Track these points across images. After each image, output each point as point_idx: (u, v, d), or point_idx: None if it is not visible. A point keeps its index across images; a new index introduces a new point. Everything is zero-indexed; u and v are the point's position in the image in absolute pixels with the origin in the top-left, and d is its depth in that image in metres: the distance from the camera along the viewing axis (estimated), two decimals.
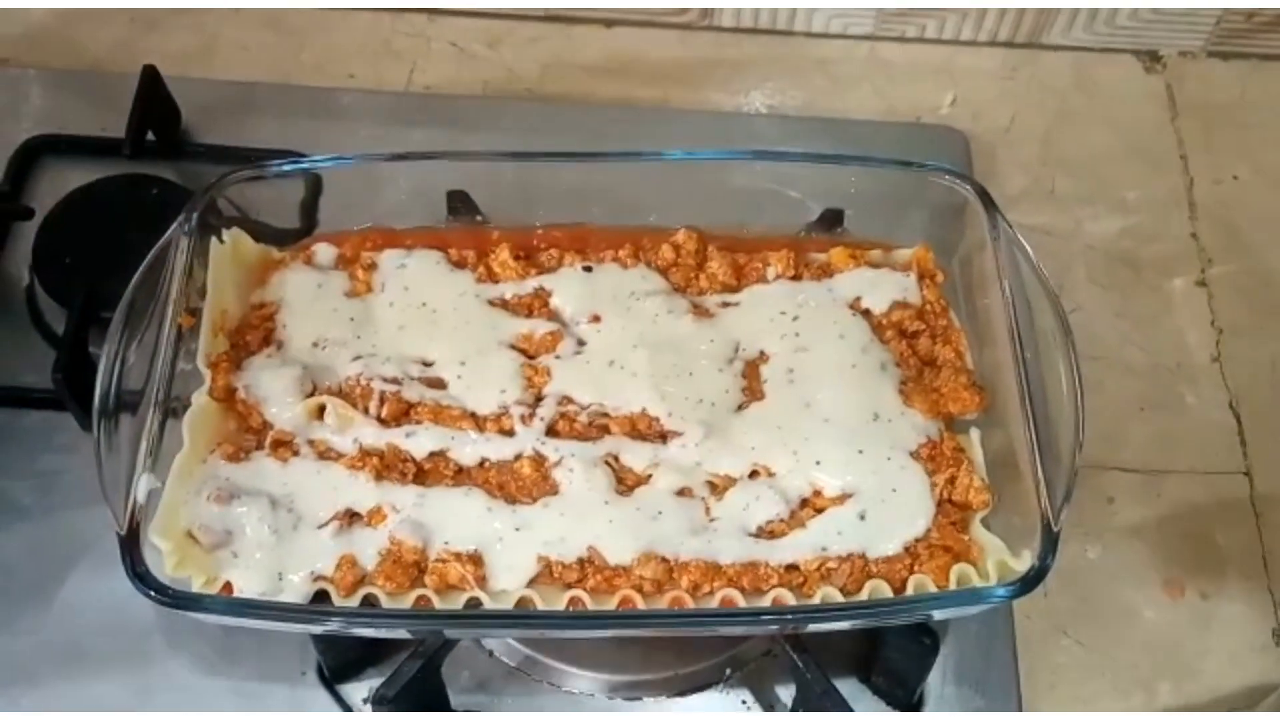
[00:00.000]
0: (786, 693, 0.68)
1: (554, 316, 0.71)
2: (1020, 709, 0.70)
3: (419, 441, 0.67)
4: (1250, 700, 0.71)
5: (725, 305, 0.72)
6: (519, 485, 0.65)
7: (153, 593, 0.59)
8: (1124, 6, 0.92)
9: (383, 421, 0.67)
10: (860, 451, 0.67)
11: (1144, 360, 0.83)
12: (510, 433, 0.67)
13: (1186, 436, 0.80)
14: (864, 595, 0.63)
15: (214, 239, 0.69)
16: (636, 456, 0.66)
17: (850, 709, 0.66)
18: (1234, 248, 0.88)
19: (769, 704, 0.69)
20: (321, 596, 0.63)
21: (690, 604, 0.62)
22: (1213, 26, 0.94)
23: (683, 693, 0.69)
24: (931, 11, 0.94)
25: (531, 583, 0.63)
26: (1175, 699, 0.71)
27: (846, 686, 0.67)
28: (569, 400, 0.68)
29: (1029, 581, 0.60)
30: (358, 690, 0.70)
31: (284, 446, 0.67)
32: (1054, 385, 0.66)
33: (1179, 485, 0.78)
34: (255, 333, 0.70)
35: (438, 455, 0.66)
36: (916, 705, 0.69)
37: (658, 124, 0.90)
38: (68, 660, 0.68)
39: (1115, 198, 0.90)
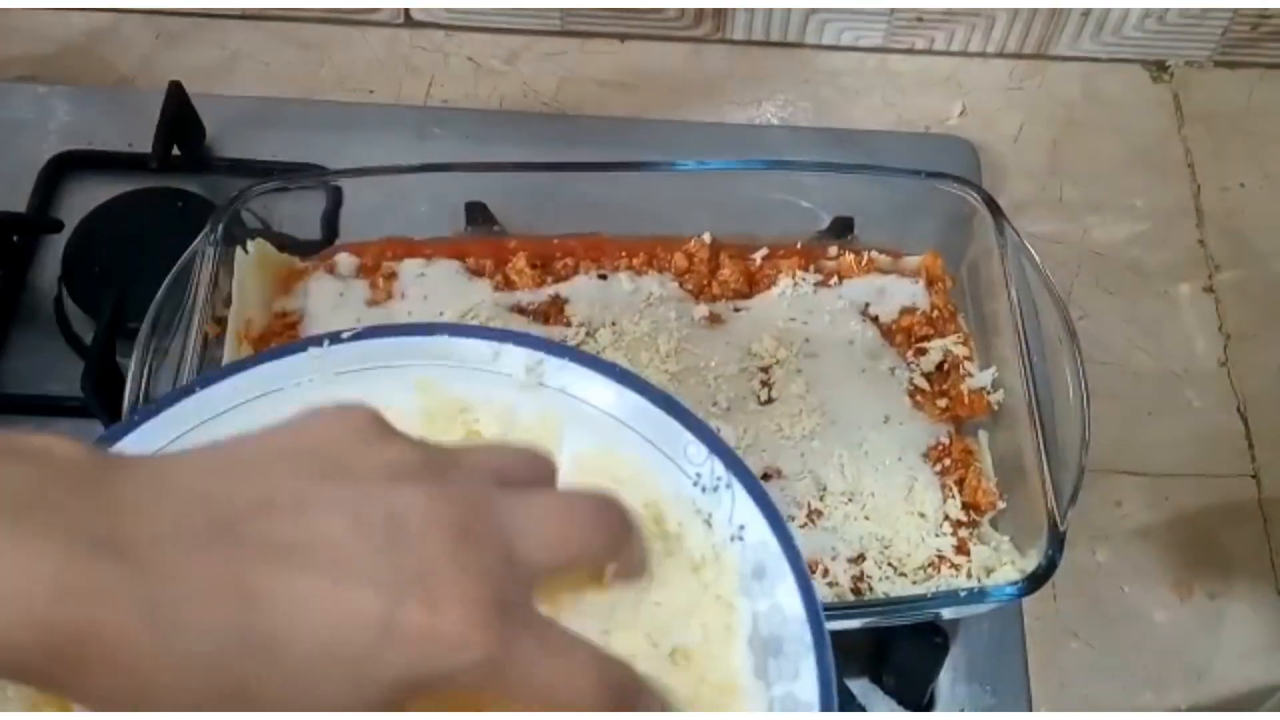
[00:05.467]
0: None
1: (570, 323, 0.73)
2: (1030, 709, 0.71)
3: None
4: (1259, 700, 0.72)
5: (737, 311, 0.74)
6: None
7: None
8: (1131, 16, 0.94)
9: None
10: (869, 454, 0.68)
11: (1151, 365, 0.83)
12: None
13: (1194, 440, 0.81)
14: (874, 594, 0.64)
15: (238, 250, 0.71)
16: None
17: (862, 708, 0.67)
18: (1241, 254, 0.89)
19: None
20: None
21: None
22: (1219, 36, 0.95)
23: None
24: (940, 24, 0.95)
25: None
26: (1184, 699, 0.72)
27: (857, 686, 0.68)
28: None
29: (1036, 579, 0.61)
30: None
31: None
32: (1061, 389, 0.67)
33: (1187, 489, 0.79)
34: (279, 340, 0.71)
35: None
36: (928, 704, 0.70)
37: (671, 135, 0.91)
38: None
39: (1123, 205, 0.91)
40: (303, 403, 0.38)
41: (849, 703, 0.66)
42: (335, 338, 0.47)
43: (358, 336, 0.47)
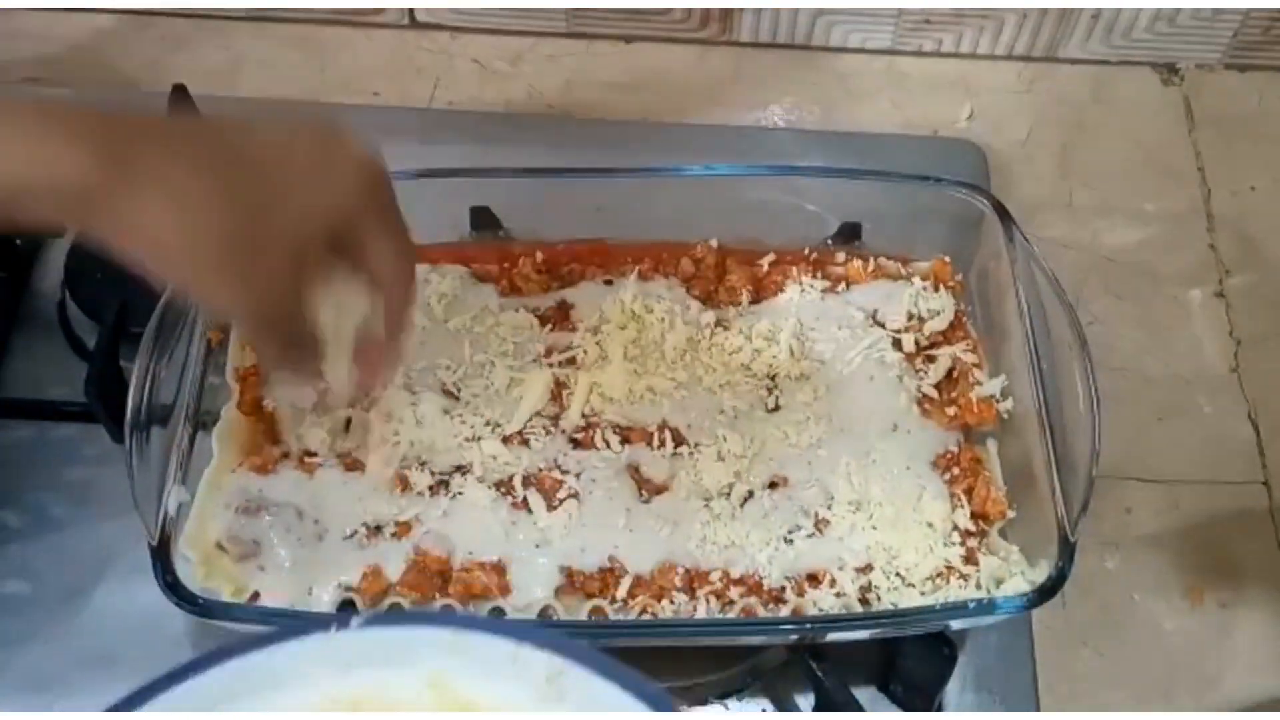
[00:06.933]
0: (806, 702, 0.69)
1: (575, 329, 0.73)
2: None
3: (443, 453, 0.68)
4: (1270, 709, 0.71)
5: (744, 317, 0.73)
6: (542, 496, 0.66)
7: (183, 602, 0.60)
8: (1141, 18, 0.93)
9: None
10: (877, 462, 0.68)
11: (1162, 371, 0.83)
12: (533, 444, 0.68)
13: (1205, 447, 0.80)
14: (882, 605, 0.64)
15: None
16: (656, 467, 0.67)
17: None
18: (1252, 258, 0.88)
19: (789, 712, 0.70)
20: (347, 606, 0.64)
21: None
22: (1229, 39, 0.95)
23: (703, 701, 0.69)
24: (949, 26, 0.94)
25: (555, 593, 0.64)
26: (1195, 709, 0.72)
27: (865, 695, 0.68)
28: (591, 411, 0.69)
29: (1046, 591, 0.61)
30: None
31: (310, 459, 0.68)
32: (1071, 396, 0.66)
33: (1197, 495, 0.78)
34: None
35: (462, 466, 0.67)
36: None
37: (677, 138, 0.90)
38: (98, 668, 0.69)
39: (1133, 209, 0.90)
40: (307, 704, 0.39)
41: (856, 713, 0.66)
42: (343, 622, 0.44)
43: (368, 623, 0.44)
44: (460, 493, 0.66)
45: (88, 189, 0.44)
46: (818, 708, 0.68)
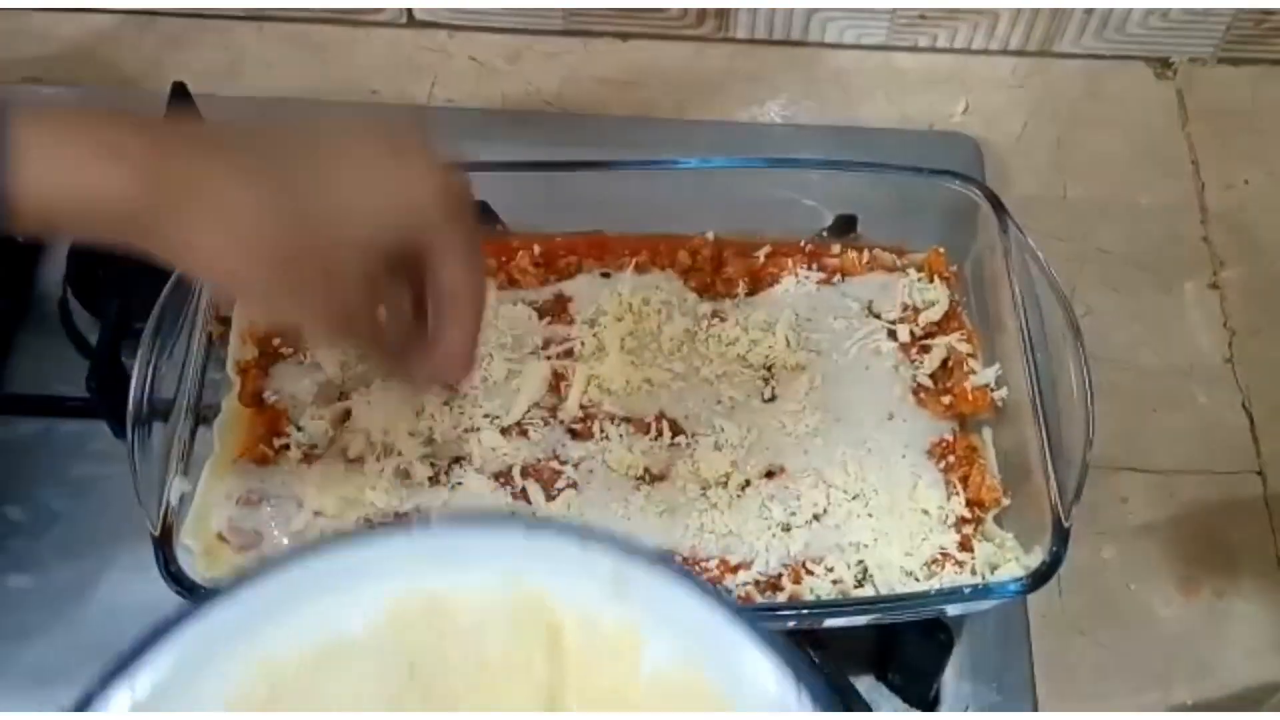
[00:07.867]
0: None
1: (573, 321, 0.73)
2: (1036, 706, 0.71)
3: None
4: (1264, 697, 0.72)
5: (740, 308, 0.74)
6: (541, 486, 0.67)
7: (185, 591, 0.60)
8: (1135, 13, 0.93)
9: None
10: (873, 451, 0.68)
11: (1156, 362, 0.83)
12: (532, 435, 0.69)
13: (1200, 437, 0.80)
14: (879, 591, 0.64)
15: None
16: (654, 457, 0.68)
17: (867, 705, 0.67)
18: (1246, 251, 0.88)
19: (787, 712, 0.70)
20: None
21: None
22: (1223, 32, 0.95)
23: None
24: (944, 21, 0.95)
25: None
26: (1190, 696, 0.72)
27: (863, 683, 0.68)
28: (589, 402, 0.70)
29: (1040, 576, 0.61)
30: None
31: (311, 450, 0.68)
32: (1065, 386, 0.67)
33: (1193, 485, 0.79)
34: (283, 340, 0.71)
35: (461, 457, 0.68)
36: (933, 701, 0.70)
37: (674, 134, 0.91)
38: (103, 659, 0.69)
39: (1127, 203, 0.90)
40: (387, 596, 0.41)
41: (855, 701, 0.66)
42: (423, 523, 0.46)
43: (444, 524, 0.46)
44: (460, 483, 0.67)
45: (133, 211, 0.42)
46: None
